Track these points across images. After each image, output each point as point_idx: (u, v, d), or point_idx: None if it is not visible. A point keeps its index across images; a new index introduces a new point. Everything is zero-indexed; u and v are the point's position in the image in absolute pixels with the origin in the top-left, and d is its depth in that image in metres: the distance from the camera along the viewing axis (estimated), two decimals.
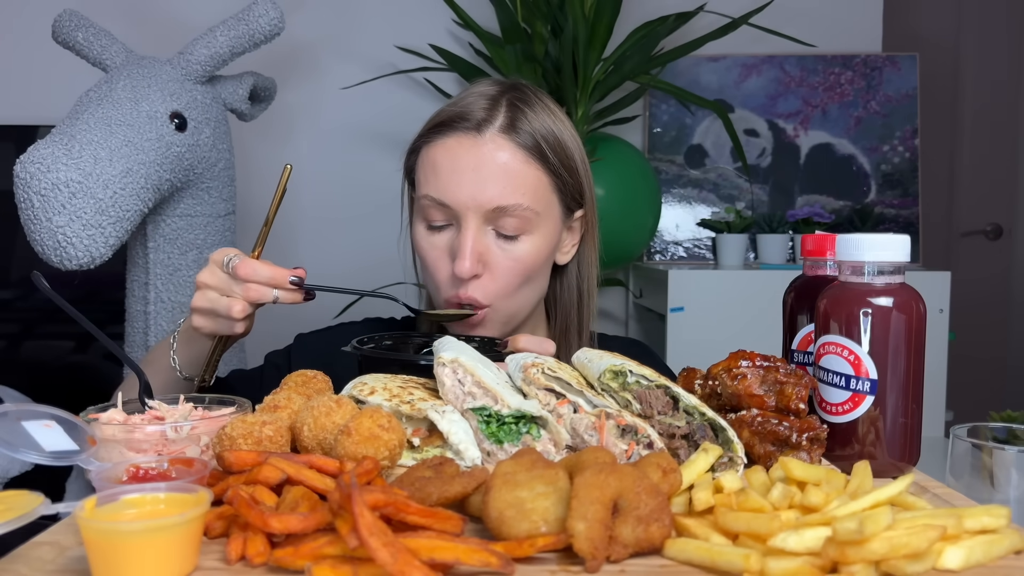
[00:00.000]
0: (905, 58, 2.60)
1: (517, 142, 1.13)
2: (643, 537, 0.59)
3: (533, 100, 1.17)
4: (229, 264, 1.00)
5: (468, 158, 1.11)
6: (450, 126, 1.14)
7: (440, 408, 0.80)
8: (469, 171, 1.11)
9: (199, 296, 1.02)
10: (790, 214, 2.49)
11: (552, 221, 1.17)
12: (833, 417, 0.81)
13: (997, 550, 0.59)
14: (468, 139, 1.12)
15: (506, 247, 1.13)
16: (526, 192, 1.12)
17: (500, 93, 1.17)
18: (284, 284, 1.00)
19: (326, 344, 1.22)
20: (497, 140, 1.12)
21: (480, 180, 1.10)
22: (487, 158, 1.11)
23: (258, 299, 1.00)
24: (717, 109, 2.13)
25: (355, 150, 2.53)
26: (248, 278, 0.99)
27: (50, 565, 0.60)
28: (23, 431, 0.71)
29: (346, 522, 0.55)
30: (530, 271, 1.15)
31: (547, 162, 1.14)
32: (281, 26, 1.74)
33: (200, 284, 1.02)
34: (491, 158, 1.11)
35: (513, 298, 1.16)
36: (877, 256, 0.79)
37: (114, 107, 1.54)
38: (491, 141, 1.12)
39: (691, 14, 2.24)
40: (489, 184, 1.10)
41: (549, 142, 1.15)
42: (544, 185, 1.15)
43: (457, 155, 1.12)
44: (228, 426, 0.73)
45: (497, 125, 1.13)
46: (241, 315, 1.00)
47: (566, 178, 1.17)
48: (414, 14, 2.49)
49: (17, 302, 2.28)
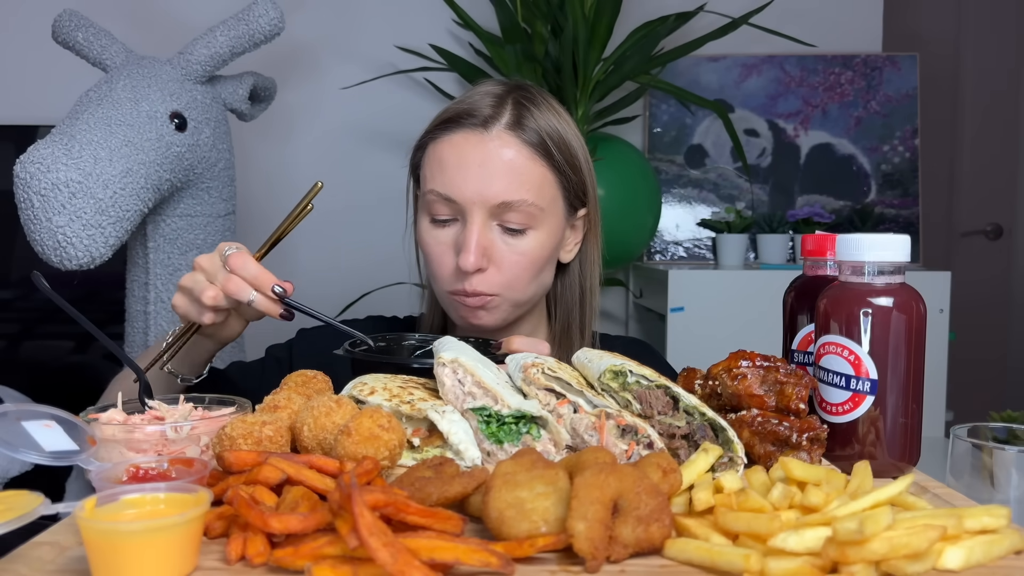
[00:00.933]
0: (905, 58, 2.60)
1: (523, 139, 1.14)
2: (643, 537, 0.59)
3: (539, 99, 1.19)
4: (227, 253, 1.00)
5: (474, 154, 1.13)
6: (456, 122, 1.15)
7: (440, 408, 0.80)
8: (475, 166, 1.12)
9: (187, 275, 1.02)
10: (790, 214, 2.49)
11: (556, 218, 1.18)
12: (833, 417, 0.81)
13: (997, 550, 0.59)
14: (475, 135, 1.14)
15: (511, 242, 1.14)
16: (531, 188, 1.13)
17: (506, 92, 1.18)
18: (265, 289, 0.98)
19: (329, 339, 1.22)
20: (503, 137, 1.13)
21: (486, 176, 1.12)
22: (493, 154, 1.12)
23: (235, 292, 0.97)
24: (717, 109, 2.13)
25: (355, 150, 2.53)
26: (234, 270, 0.98)
27: (50, 565, 0.60)
28: (23, 431, 0.71)
29: (346, 522, 0.55)
30: (534, 266, 1.16)
31: (552, 159, 1.16)
32: (281, 26, 1.74)
33: (195, 265, 1.02)
34: (497, 154, 1.13)
35: (521, 290, 1.17)
36: (877, 256, 0.79)
37: (114, 107, 1.54)
38: (497, 138, 1.13)
39: (691, 14, 2.24)
40: (495, 179, 1.12)
41: (554, 140, 1.16)
42: (548, 182, 1.16)
43: (464, 151, 1.13)
44: (228, 426, 0.73)
45: (503, 122, 1.14)
46: (211, 302, 0.97)
47: (570, 176, 1.19)
48: (414, 14, 2.49)
49: (17, 302, 2.28)
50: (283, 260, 2.47)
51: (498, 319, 1.18)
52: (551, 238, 1.18)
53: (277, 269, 1.02)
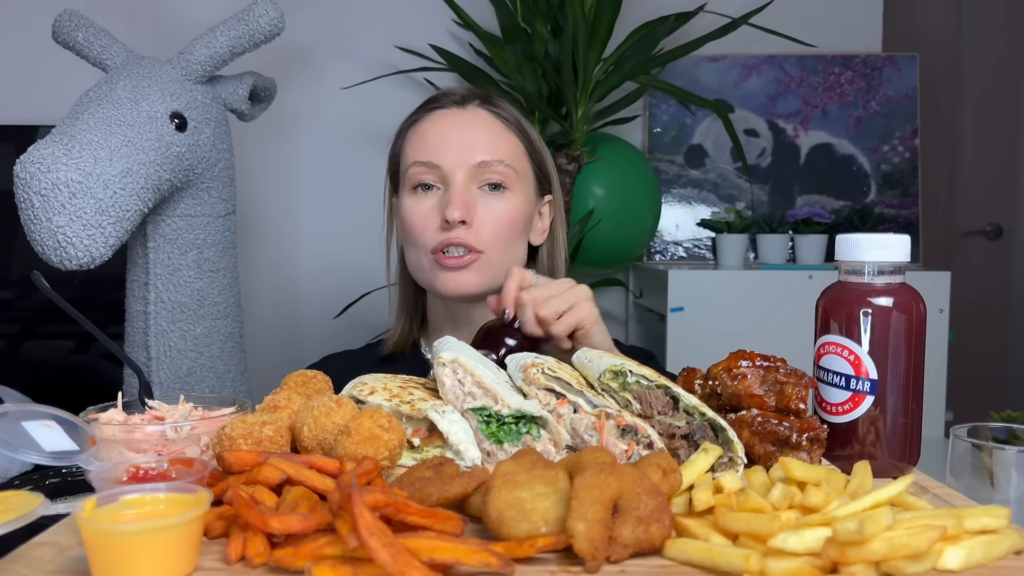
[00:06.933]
0: (905, 58, 2.60)
1: (497, 114, 1.28)
2: (643, 537, 0.59)
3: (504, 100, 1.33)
4: None
5: (454, 123, 1.26)
6: (435, 103, 1.29)
7: (440, 408, 0.80)
8: (455, 132, 1.24)
9: None
10: (790, 214, 2.49)
11: (527, 189, 1.29)
12: (833, 417, 0.81)
13: (997, 550, 0.59)
14: (453, 111, 1.27)
15: (489, 201, 1.24)
16: (506, 152, 1.25)
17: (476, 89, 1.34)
18: None
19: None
20: (479, 111, 1.28)
21: (465, 140, 1.24)
22: (472, 121, 1.26)
23: None
24: (717, 109, 2.13)
25: (355, 150, 2.53)
26: None
27: (50, 565, 0.60)
28: (23, 431, 0.71)
29: (346, 522, 0.55)
30: (511, 227, 1.25)
31: (523, 136, 1.29)
32: (281, 26, 1.73)
33: None
34: (476, 121, 1.26)
35: (501, 250, 1.24)
36: (877, 256, 0.79)
37: (114, 107, 1.54)
38: (474, 111, 1.28)
39: (691, 14, 2.24)
40: (474, 142, 1.24)
41: (523, 124, 1.31)
42: (520, 153, 1.28)
43: (444, 122, 1.26)
44: (228, 426, 0.73)
45: (477, 102, 1.29)
46: None
47: (538, 159, 1.31)
48: (414, 14, 2.49)
49: (17, 302, 2.28)
50: (283, 260, 2.47)
51: (480, 282, 1.22)
52: (525, 205, 1.28)
53: (278, 269, 1.02)
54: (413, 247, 1.26)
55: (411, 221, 1.24)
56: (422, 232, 1.23)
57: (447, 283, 1.22)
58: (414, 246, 1.25)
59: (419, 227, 1.23)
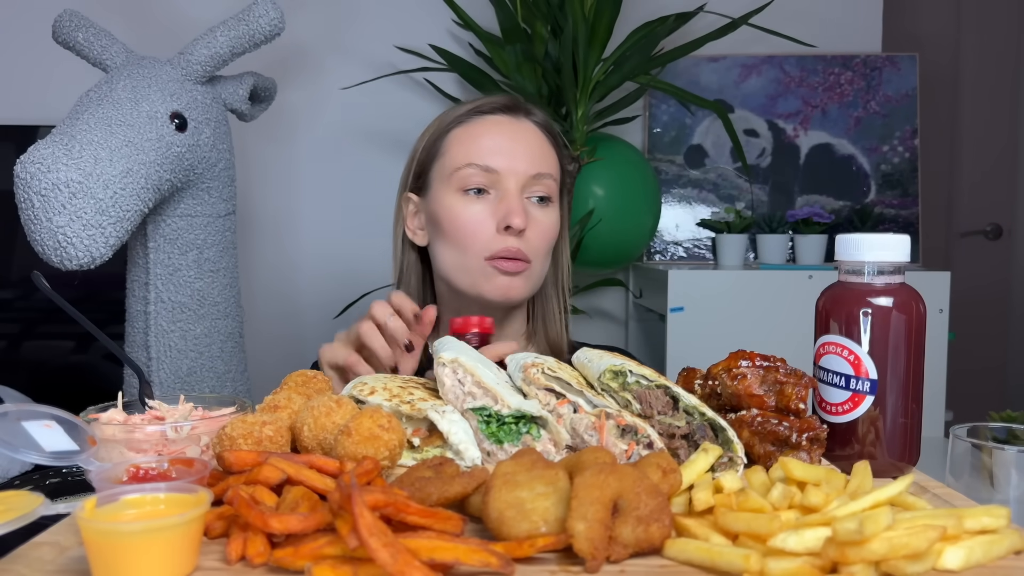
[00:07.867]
0: (905, 58, 2.60)
1: (541, 127, 1.31)
2: (643, 537, 0.59)
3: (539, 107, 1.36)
4: None
5: (508, 131, 1.27)
6: (484, 109, 1.30)
7: (440, 408, 0.80)
8: (513, 141, 1.26)
9: None
10: (790, 214, 2.49)
11: (559, 202, 1.32)
12: (833, 417, 0.81)
13: (997, 550, 0.59)
14: (505, 118, 1.29)
15: (538, 212, 1.26)
16: (551, 165, 1.29)
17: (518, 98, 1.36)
18: None
19: None
20: (527, 122, 1.30)
21: (522, 149, 1.26)
22: (524, 133, 1.28)
23: None
24: (717, 109, 2.13)
25: (355, 150, 2.53)
26: None
27: (50, 565, 0.60)
28: (23, 431, 0.71)
29: (346, 522, 0.55)
30: (553, 239, 1.29)
31: (559, 150, 1.33)
32: (281, 26, 1.73)
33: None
34: (527, 133, 1.29)
35: (542, 261, 1.28)
36: (877, 256, 0.79)
37: (114, 107, 1.54)
38: (523, 122, 1.30)
39: (691, 14, 2.24)
40: (531, 153, 1.26)
41: (560, 137, 1.35)
42: (557, 165, 1.32)
43: (499, 129, 1.27)
44: (228, 426, 0.73)
45: (523, 111, 1.31)
46: None
47: (565, 167, 1.35)
48: (414, 14, 2.49)
49: (17, 302, 2.28)
50: (283, 260, 2.47)
51: (526, 289, 1.26)
52: (561, 219, 1.32)
53: (278, 269, 1.02)
54: (459, 250, 1.24)
55: (462, 223, 1.23)
56: (474, 236, 1.22)
57: (498, 288, 1.23)
58: (461, 249, 1.24)
59: (471, 231, 1.22)
